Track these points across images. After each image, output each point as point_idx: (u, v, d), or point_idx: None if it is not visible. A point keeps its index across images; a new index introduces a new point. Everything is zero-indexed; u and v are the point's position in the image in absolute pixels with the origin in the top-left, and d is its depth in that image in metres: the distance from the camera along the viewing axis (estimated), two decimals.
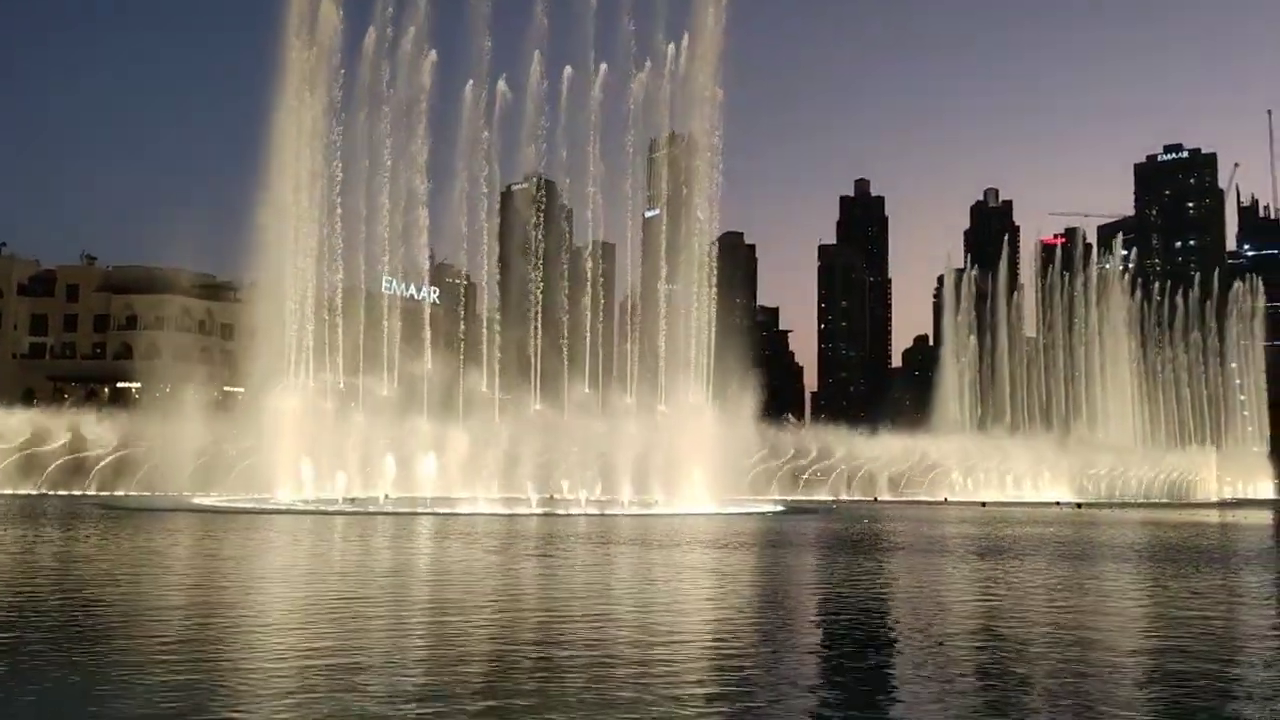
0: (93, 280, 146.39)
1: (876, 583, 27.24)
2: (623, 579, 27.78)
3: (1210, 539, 52.69)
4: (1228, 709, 12.37)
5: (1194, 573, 31.12)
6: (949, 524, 64.12)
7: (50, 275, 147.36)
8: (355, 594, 23.30)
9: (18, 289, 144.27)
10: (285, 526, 47.93)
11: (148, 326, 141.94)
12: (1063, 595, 24.87)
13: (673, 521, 58.22)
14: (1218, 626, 19.76)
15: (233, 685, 12.58)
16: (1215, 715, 12.02)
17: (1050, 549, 41.13)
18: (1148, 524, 68.02)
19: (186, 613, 19.94)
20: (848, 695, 13.10)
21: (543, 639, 16.81)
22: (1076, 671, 14.77)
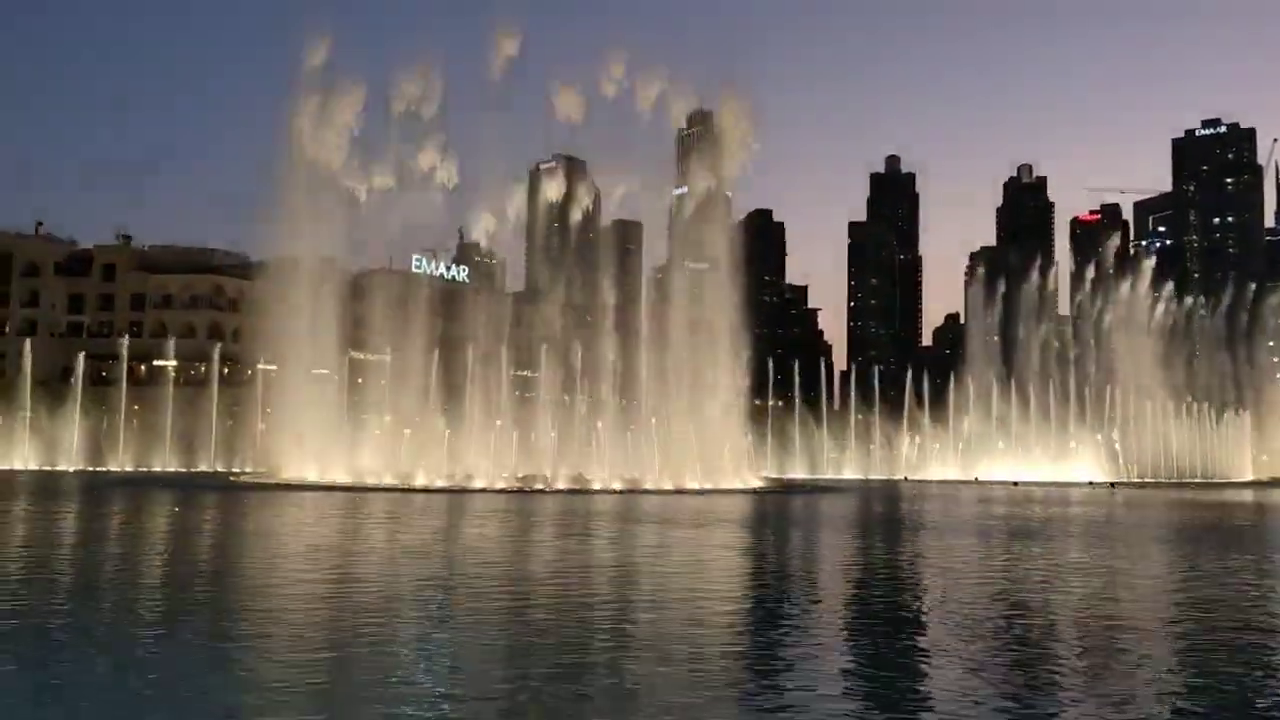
0: (129, 260, 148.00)
1: (918, 565, 27.11)
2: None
3: (1241, 520, 51.97)
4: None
5: (1225, 555, 30.73)
6: (981, 504, 63.66)
7: (87, 255, 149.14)
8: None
9: (54, 268, 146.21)
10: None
11: (184, 306, 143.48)
12: (1098, 578, 24.67)
13: (684, 501, 58.24)
14: (1246, 608, 19.52)
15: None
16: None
17: (1084, 530, 40.77)
18: (1181, 505, 67.16)
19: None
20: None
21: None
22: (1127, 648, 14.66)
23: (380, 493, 59.50)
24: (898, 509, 55.90)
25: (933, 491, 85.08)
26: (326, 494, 57.17)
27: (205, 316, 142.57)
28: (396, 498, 54.47)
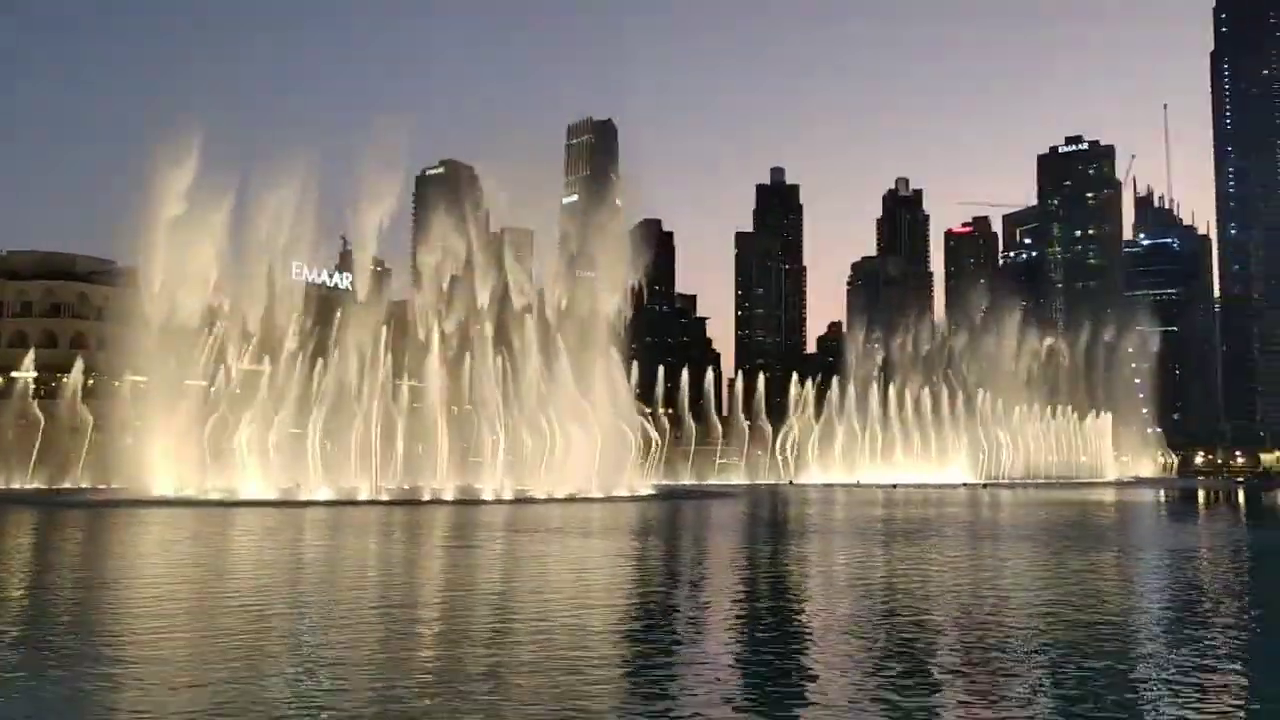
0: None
1: (801, 567, 27.67)
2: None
3: (1105, 518, 54.85)
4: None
5: (1089, 551, 32.39)
6: (860, 507, 65.43)
7: None
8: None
9: None
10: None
11: (43, 313, 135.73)
12: (974, 574, 25.65)
13: (575, 509, 58.19)
14: (1111, 602, 20.61)
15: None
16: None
17: (956, 530, 42.35)
18: (1047, 504, 70.46)
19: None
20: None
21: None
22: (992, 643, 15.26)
23: (257, 507, 57.39)
24: (781, 513, 57.01)
25: (816, 495, 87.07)
26: (200, 510, 54.85)
27: (69, 325, 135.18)
28: (275, 512, 52.62)
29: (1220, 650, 15.58)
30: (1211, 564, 29.58)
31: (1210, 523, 54.40)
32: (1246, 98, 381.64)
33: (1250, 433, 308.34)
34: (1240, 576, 27.01)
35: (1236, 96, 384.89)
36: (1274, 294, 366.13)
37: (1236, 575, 27.22)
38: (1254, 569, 29.35)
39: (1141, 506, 70.45)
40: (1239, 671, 14.21)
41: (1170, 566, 28.57)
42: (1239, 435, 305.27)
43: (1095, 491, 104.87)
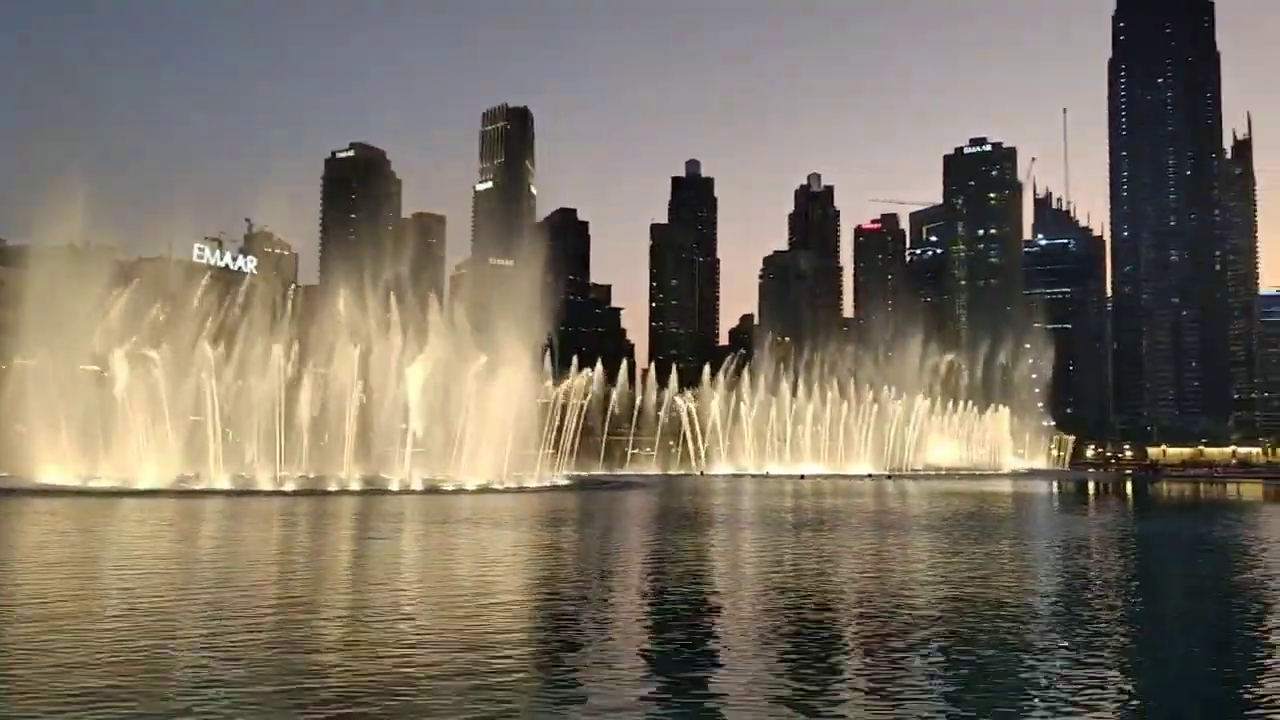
0: None
1: (715, 556, 27.87)
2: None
3: (1002, 509, 56.76)
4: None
5: (985, 541, 33.47)
6: (769, 497, 66.37)
7: None
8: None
9: None
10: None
11: None
12: (876, 562, 26.23)
13: (485, 500, 57.75)
14: (1002, 586, 21.32)
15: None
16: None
17: (865, 519, 43.29)
18: (949, 495, 72.58)
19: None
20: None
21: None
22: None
23: (153, 497, 55.38)
24: (691, 503, 57.46)
25: (725, 486, 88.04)
26: (92, 500, 52.62)
27: None
28: (172, 503, 50.83)
29: (1105, 636, 16.24)
30: (1099, 553, 30.87)
31: (1099, 514, 56.79)
32: (1141, 105, 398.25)
33: (1138, 427, 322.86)
34: (1126, 565, 28.24)
35: (1132, 104, 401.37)
36: (1161, 295, 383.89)
37: (1122, 564, 28.44)
38: (1139, 558, 30.74)
39: (1035, 498, 73.10)
40: (1121, 657, 14.83)
41: (1060, 556, 29.71)
42: (1128, 430, 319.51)
43: (992, 483, 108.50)
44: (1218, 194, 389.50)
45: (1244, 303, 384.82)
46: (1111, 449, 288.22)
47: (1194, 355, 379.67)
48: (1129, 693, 12.73)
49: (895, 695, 12.15)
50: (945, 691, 12.49)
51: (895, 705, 11.71)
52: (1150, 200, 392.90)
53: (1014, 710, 11.58)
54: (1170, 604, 21.45)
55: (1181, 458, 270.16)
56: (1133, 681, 13.40)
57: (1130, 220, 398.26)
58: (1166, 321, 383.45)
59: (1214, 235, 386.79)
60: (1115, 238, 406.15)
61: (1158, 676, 13.96)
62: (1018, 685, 12.82)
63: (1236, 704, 12.26)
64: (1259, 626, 18.03)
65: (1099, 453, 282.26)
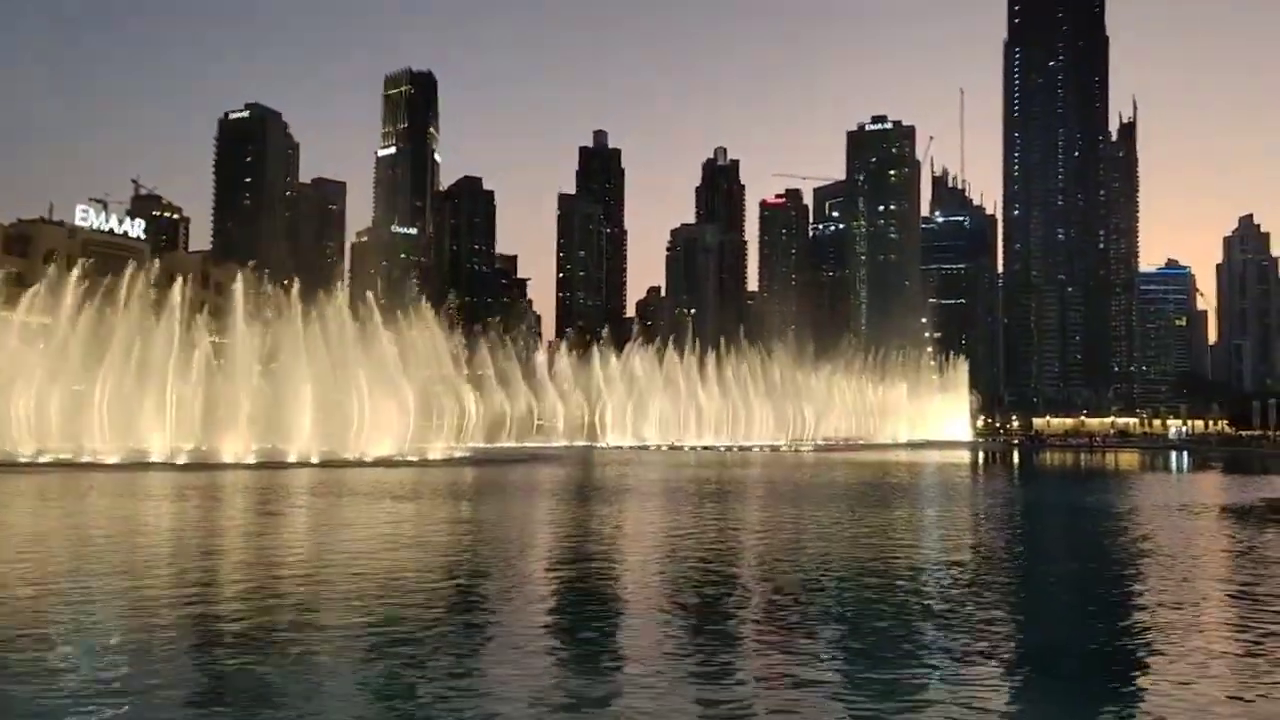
0: None
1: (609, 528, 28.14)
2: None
3: (899, 478, 58.67)
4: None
5: (881, 509, 34.64)
6: (672, 468, 67.17)
7: None
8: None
9: None
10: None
11: None
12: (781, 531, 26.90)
13: (385, 473, 57.12)
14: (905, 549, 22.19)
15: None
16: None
17: (765, 489, 44.24)
18: (848, 465, 74.64)
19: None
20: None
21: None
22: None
23: (36, 471, 53.08)
24: (595, 475, 57.82)
25: (629, 457, 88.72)
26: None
27: None
28: (56, 477, 48.80)
29: (996, 599, 17.09)
30: (988, 519, 32.28)
31: (989, 482, 59.21)
32: (1034, 87, 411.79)
33: (1026, 399, 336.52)
34: (1012, 531, 29.61)
35: (1025, 85, 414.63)
36: (1049, 272, 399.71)
37: (1009, 531, 29.81)
38: (1024, 524, 32.25)
39: (930, 467, 75.71)
40: (1005, 615, 15.64)
41: (952, 523, 30.97)
42: (1016, 401, 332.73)
43: (889, 453, 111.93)
44: (1103, 175, 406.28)
45: (1124, 280, 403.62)
46: (1000, 420, 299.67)
47: (1078, 330, 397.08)
48: (1008, 650, 13.43)
49: (786, 660, 12.57)
50: (827, 654, 12.97)
51: (786, 671, 12.10)
52: (1040, 180, 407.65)
53: (896, 668, 12.09)
54: (1048, 566, 22.59)
55: (1064, 428, 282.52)
56: (1011, 640, 14.13)
57: (1021, 199, 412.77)
58: (1053, 297, 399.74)
59: (1099, 215, 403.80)
60: (1007, 216, 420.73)
61: (1033, 633, 14.74)
62: (898, 644, 13.39)
63: (1107, 653, 13.05)
64: (1129, 586, 19.16)
65: (989, 423, 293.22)
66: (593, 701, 10.67)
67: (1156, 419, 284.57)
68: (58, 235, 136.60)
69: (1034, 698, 11.32)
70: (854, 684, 11.35)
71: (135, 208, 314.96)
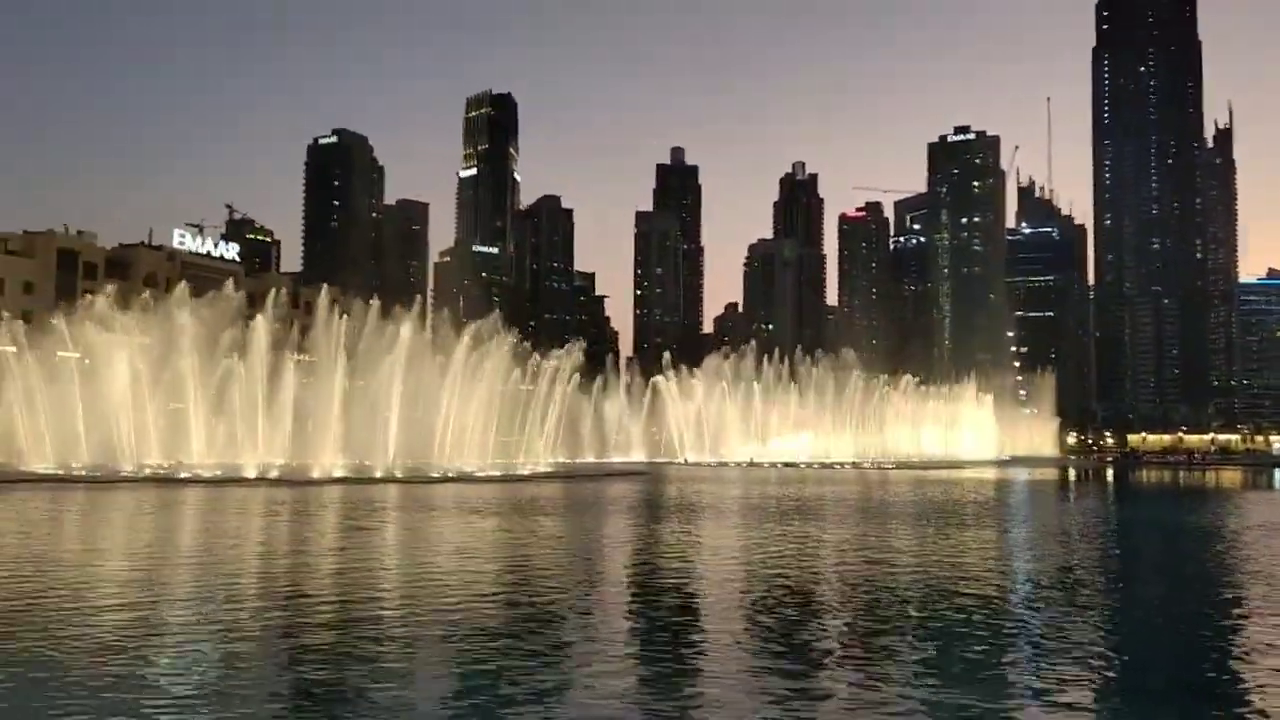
0: None
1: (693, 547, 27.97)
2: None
3: (987, 497, 57.16)
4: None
5: (972, 529, 33.74)
6: (755, 485, 66.60)
7: None
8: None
9: None
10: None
11: None
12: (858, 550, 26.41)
13: (470, 488, 57.77)
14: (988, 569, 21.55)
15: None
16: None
17: (851, 509, 43.51)
18: (933, 483, 73.04)
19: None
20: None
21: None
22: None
23: (136, 485, 55.14)
24: (674, 491, 57.64)
25: (706, 474, 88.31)
26: (78, 488, 52.33)
27: None
28: (162, 489, 50.64)
29: (1088, 622, 16.46)
30: (1082, 539, 31.18)
31: (1081, 500, 57.28)
32: (1124, 94, 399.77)
33: (1120, 414, 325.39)
34: (1108, 551, 28.54)
35: (1115, 92, 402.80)
36: (1143, 283, 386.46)
37: (1105, 550, 28.74)
38: (1122, 545, 31.07)
39: (1020, 486, 73.64)
40: (1102, 639, 15.03)
41: (1044, 543, 29.99)
42: (1109, 417, 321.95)
43: (974, 471, 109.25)
44: (1199, 182, 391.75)
45: (1223, 291, 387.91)
46: (1093, 436, 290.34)
47: (1174, 343, 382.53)
48: (1105, 676, 12.90)
49: (872, 684, 12.27)
50: (917, 678, 12.62)
51: (872, 697, 11.81)
52: (1132, 188, 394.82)
53: (989, 694, 11.71)
54: (1147, 589, 21.71)
55: (1161, 445, 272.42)
56: (1109, 665, 13.57)
57: (1113, 208, 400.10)
58: (1148, 309, 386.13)
59: (1195, 223, 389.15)
60: (1098, 226, 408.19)
61: (1132, 660, 14.14)
62: (991, 668, 12.96)
63: (1209, 681, 12.44)
64: (1234, 610, 18.28)
65: (1081, 440, 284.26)
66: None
67: (1259, 435, 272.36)
68: (157, 259, 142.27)
69: None
70: (943, 710, 11.01)
71: (229, 232, 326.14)
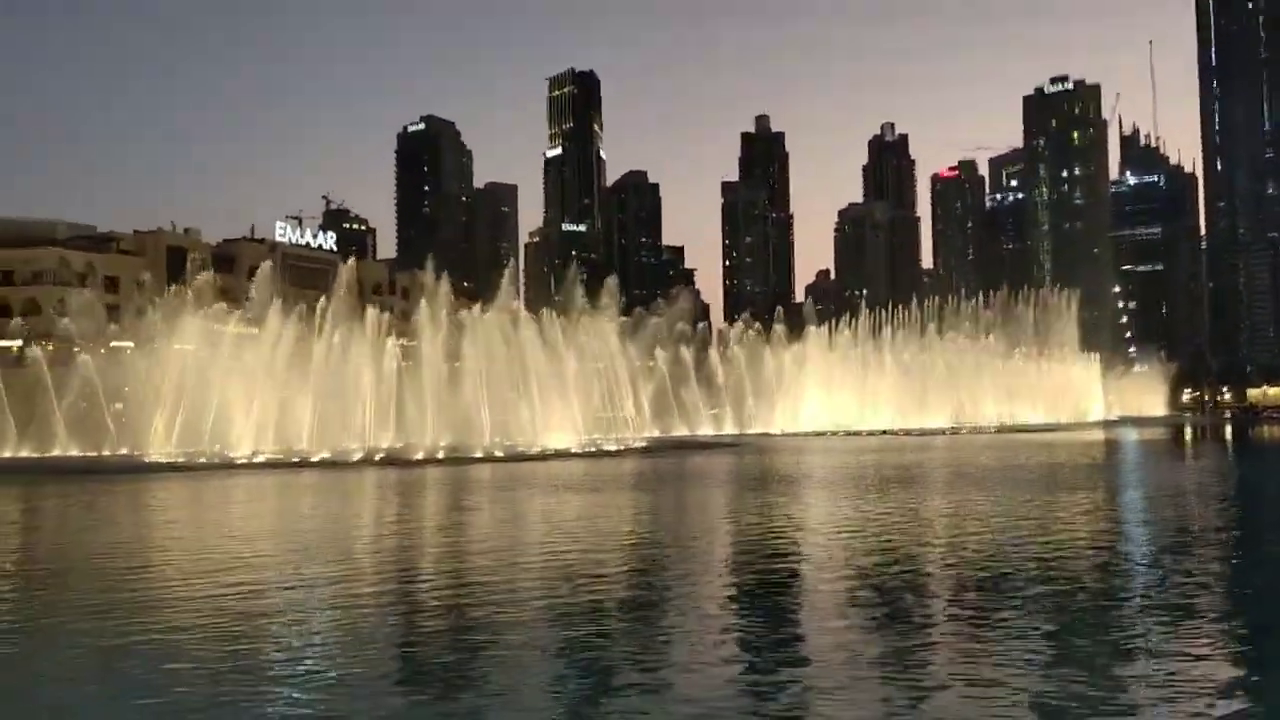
0: None
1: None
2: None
3: (1096, 459, 55.33)
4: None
5: (1086, 491, 32.78)
6: (852, 454, 65.78)
7: None
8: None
9: None
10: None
11: (25, 282, 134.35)
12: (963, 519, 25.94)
13: (569, 465, 58.36)
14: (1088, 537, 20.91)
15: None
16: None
17: (956, 475, 42.70)
18: (1040, 446, 71.02)
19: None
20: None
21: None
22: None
23: (256, 471, 57.47)
24: (771, 462, 57.35)
25: (802, 444, 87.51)
26: (205, 475, 54.81)
27: (51, 293, 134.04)
28: (283, 474, 52.73)
29: (1207, 584, 15.84)
30: (1203, 501, 29.96)
31: (1200, 459, 55.02)
32: (1230, 34, 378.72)
33: (1236, 369, 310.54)
34: (1233, 515, 27.37)
35: (1220, 33, 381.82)
36: (1258, 230, 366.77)
37: (1229, 514, 27.57)
38: (1244, 505, 29.76)
39: (1130, 446, 71.11)
40: (1225, 603, 14.45)
41: (1161, 505, 28.92)
42: (1225, 371, 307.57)
43: (1082, 433, 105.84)
44: None
45: None
46: (1208, 392, 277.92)
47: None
48: (1230, 636, 12.41)
49: (984, 660, 12.04)
50: (1032, 654, 12.33)
51: (984, 673, 11.59)
52: (1245, 133, 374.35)
53: (1108, 672, 11.38)
54: (1276, 550, 20.76)
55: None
56: (1238, 639, 13.04)
57: (1223, 154, 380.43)
58: (1264, 257, 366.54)
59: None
60: (1208, 173, 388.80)
61: (1264, 628, 13.56)
62: (1114, 639, 12.59)
63: None
64: None
65: (1195, 396, 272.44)
66: (775, 699, 10.49)
67: None
68: (260, 251, 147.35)
69: (1262, 713, 10.34)
70: (1058, 688, 10.72)
71: (327, 222, 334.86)
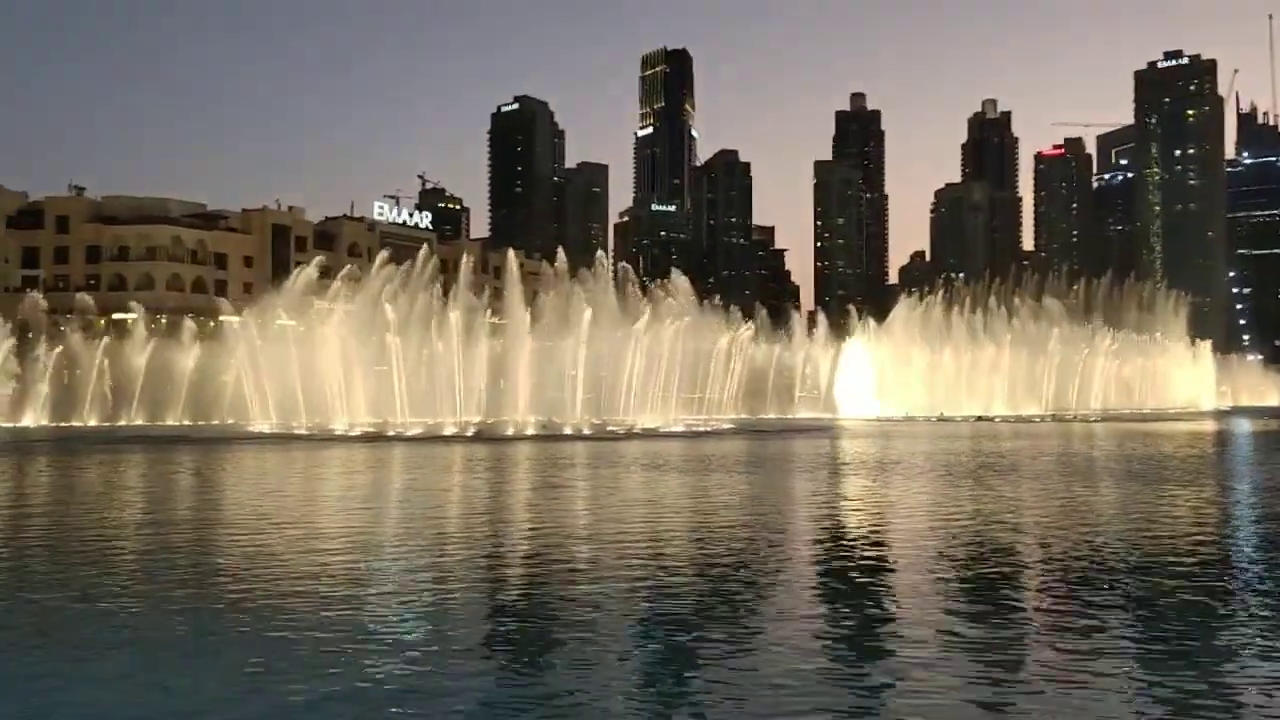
0: (82, 211, 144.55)
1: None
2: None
3: (1208, 451, 53.10)
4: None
5: (1185, 485, 31.50)
6: (950, 440, 64.46)
7: (38, 207, 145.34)
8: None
9: (6, 222, 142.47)
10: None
11: (140, 258, 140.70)
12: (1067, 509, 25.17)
13: (657, 444, 58.51)
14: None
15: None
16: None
17: (1061, 465, 41.53)
18: (1148, 437, 68.48)
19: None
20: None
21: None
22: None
23: (350, 443, 59.23)
24: (861, 447, 56.58)
25: (893, 429, 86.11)
26: (303, 445, 56.76)
27: (165, 269, 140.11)
28: (377, 446, 54.27)
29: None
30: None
31: None
32: None
33: None
34: None
35: None
36: None
37: None
38: None
39: (1243, 437, 67.99)
40: None
41: (1276, 501, 27.60)
42: None
43: (1191, 422, 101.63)
44: None
45: None
46: None
47: None
48: None
49: (1079, 656, 11.67)
50: (1126, 651, 11.89)
51: (1079, 670, 11.24)
52: None
53: (1202, 671, 10.91)
54: None
55: None
56: None
57: None
58: None
59: None
60: None
61: None
62: (1210, 641, 12.06)
63: None
64: None
65: None
66: (859, 690, 10.34)
67: None
68: (359, 230, 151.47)
69: None
70: (1155, 686, 10.32)
71: (422, 201, 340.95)
